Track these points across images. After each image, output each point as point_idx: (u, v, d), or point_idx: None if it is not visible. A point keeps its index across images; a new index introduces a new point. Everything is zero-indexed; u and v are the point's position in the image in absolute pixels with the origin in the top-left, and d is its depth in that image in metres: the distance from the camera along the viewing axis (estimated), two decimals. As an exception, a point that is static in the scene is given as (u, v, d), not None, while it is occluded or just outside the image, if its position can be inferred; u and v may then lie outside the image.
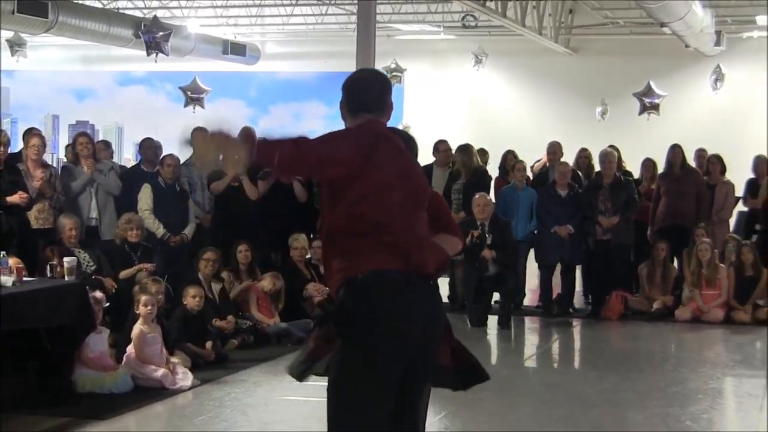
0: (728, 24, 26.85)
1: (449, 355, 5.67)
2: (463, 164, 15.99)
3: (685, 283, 16.22)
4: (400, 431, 5.33)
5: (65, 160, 14.90)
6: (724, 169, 17.43)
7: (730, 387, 11.56)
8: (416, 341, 5.22)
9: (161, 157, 15.10)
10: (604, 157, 16.39)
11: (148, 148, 15.36)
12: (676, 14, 21.37)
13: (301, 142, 5.22)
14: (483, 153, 17.62)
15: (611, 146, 16.93)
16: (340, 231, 5.21)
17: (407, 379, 5.27)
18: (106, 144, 17.13)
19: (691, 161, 17.60)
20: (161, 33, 23.69)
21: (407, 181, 5.29)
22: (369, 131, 5.33)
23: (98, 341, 10.66)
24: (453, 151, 16.63)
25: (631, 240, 16.54)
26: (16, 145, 14.67)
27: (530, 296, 16.93)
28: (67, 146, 15.62)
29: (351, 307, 5.19)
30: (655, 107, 24.32)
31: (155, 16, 24.86)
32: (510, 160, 17.33)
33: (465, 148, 16.38)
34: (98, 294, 11.39)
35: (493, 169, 17.71)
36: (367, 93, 5.52)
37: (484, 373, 5.89)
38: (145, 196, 14.31)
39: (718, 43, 26.06)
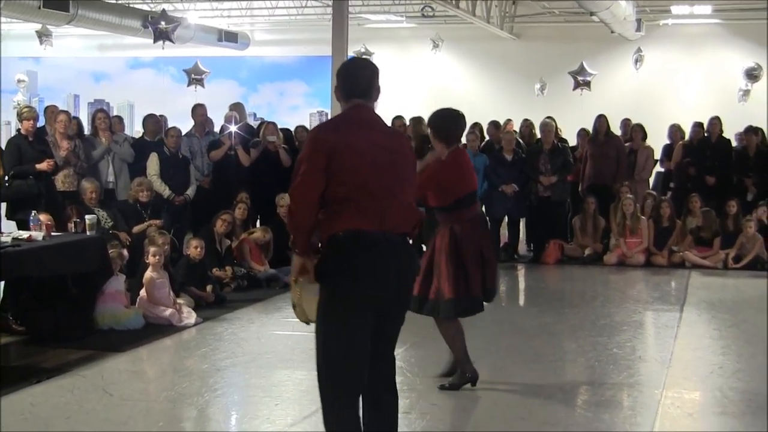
0: (647, 13, 26.83)
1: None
2: (414, 134, 16.03)
3: (611, 232, 16.30)
4: (386, 347, 5.53)
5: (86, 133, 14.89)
6: (645, 136, 17.50)
7: (650, 319, 11.62)
8: (388, 290, 5.32)
9: (166, 129, 15.26)
10: (544, 126, 16.44)
11: (151, 122, 15.47)
12: (603, 5, 21.35)
13: (290, 212, 5.42)
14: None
15: (549, 117, 16.96)
16: (328, 199, 5.27)
17: (382, 320, 5.38)
18: (120, 119, 17.13)
19: (617, 129, 17.69)
20: (170, 24, 23.63)
21: (373, 157, 5.33)
22: (321, 136, 5.40)
23: (116, 284, 10.70)
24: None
25: (567, 196, 16.64)
26: (42, 121, 14.64)
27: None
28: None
29: (330, 259, 5.30)
30: (587, 84, 24.34)
31: (164, 9, 24.77)
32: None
33: (417, 120, 16.43)
34: (124, 251, 11.67)
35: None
36: (357, 81, 5.55)
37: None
38: (152, 163, 14.39)
39: (638, 29, 26.06)
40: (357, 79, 5.57)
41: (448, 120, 8.27)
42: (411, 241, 5.60)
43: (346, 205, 5.28)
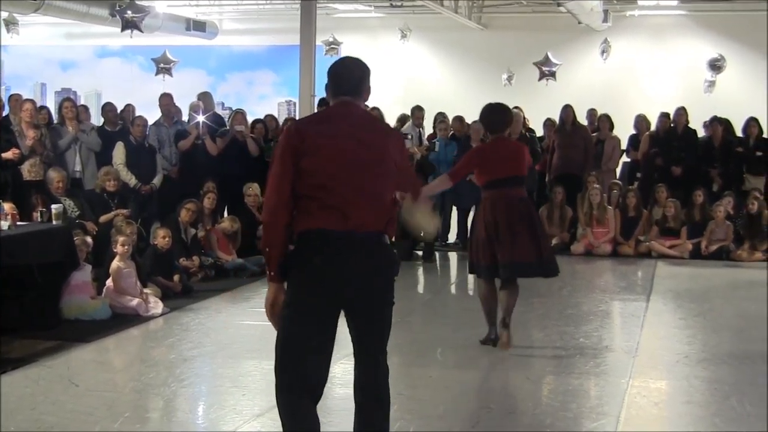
0: (614, 4, 26.85)
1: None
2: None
3: (578, 222, 16.34)
4: (364, 349, 5.51)
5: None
6: (611, 127, 17.57)
7: (617, 309, 11.65)
8: (349, 288, 5.27)
9: (132, 118, 15.21)
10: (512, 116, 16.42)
11: (109, 111, 15.45)
12: (571, -5, 21.42)
13: (264, 205, 5.55)
14: (419, 109, 17.56)
15: (516, 107, 16.93)
16: (297, 194, 5.25)
17: (352, 313, 5.38)
18: (85, 108, 17.03)
19: (584, 120, 17.71)
20: (138, 14, 23.47)
21: (345, 154, 5.28)
22: (291, 133, 5.38)
23: (83, 274, 10.64)
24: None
25: (534, 186, 16.63)
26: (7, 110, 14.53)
27: (453, 234, 16.95)
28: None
29: (294, 256, 5.29)
30: (552, 74, 24.32)
31: (132, -1, 24.64)
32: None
33: (372, 111, 16.52)
34: (88, 239, 11.51)
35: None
36: (346, 80, 5.62)
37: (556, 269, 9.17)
38: (118, 152, 14.36)
39: (605, 20, 26.06)
40: (346, 77, 5.63)
41: (491, 111, 9.58)
42: (389, 239, 5.49)
43: (312, 203, 5.26)
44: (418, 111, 17.24)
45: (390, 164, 5.45)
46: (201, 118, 15.66)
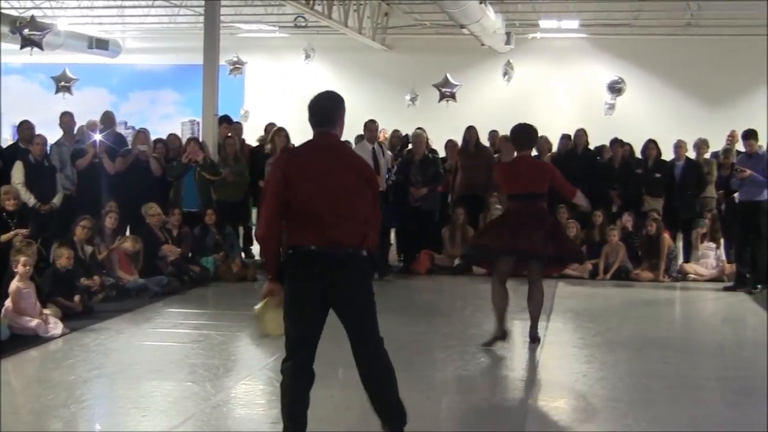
0: (516, 26, 27.22)
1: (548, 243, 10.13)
2: (274, 144, 16.25)
3: (481, 242, 16.45)
4: (356, 334, 6.48)
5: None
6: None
7: (518, 329, 11.71)
8: (331, 292, 6.30)
9: (32, 137, 15.03)
10: (415, 137, 16.60)
11: (26, 128, 15.21)
12: (473, 18, 21.58)
13: (259, 219, 6.62)
14: (372, 122, 17.39)
15: (419, 128, 17.07)
16: (288, 216, 6.32)
17: (338, 312, 6.42)
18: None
19: (486, 141, 17.84)
20: (38, 31, 23.16)
21: (321, 177, 6.27)
22: (281, 161, 6.75)
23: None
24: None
25: (437, 207, 16.74)
26: None
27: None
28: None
29: (286, 267, 6.37)
30: (452, 95, 24.54)
31: (33, 16, 24.27)
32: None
33: (279, 130, 16.57)
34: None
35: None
36: (319, 112, 6.48)
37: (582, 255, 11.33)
38: (17, 171, 14.18)
39: (508, 42, 26.40)
40: (319, 110, 6.49)
41: (516, 131, 10.67)
42: (366, 254, 6.45)
43: (296, 223, 6.30)
44: (371, 124, 16.70)
45: (362, 185, 6.43)
46: (98, 136, 15.55)
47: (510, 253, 10.34)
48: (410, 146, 17.43)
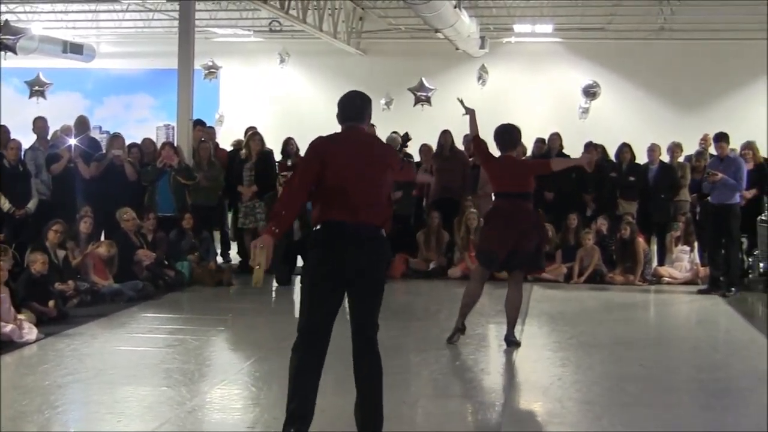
0: (491, 30, 27.26)
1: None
2: (249, 148, 16.26)
3: (455, 246, 16.50)
4: (355, 318, 6.93)
5: None
6: (487, 152, 17.71)
7: (493, 333, 11.75)
8: (351, 267, 6.66)
9: (7, 141, 14.96)
10: (390, 141, 16.57)
11: (0, 133, 15.14)
12: (448, 22, 21.59)
13: (287, 185, 7.12)
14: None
15: (394, 132, 17.09)
16: (319, 195, 6.74)
17: (352, 290, 6.79)
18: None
19: (460, 145, 17.86)
20: (12, 36, 23.07)
21: (354, 164, 6.76)
22: (320, 144, 6.90)
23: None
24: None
25: (411, 211, 16.76)
26: None
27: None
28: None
29: (313, 240, 6.81)
30: (427, 99, 24.61)
31: (6, 21, 24.19)
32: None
33: (254, 134, 16.58)
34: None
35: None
36: (351, 108, 7.08)
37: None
38: (-9, 177, 14.11)
39: (482, 46, 26.46)
40: (350, 107, 7.07)
41: (499, 132, 10.87)
42: (385, 232, 6.88)
43: (330, 200, 6.70)
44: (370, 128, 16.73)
45: (388, 174, 6.98)
46: (73, 141, 15.51)
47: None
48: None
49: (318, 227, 6.78)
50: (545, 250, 11.49)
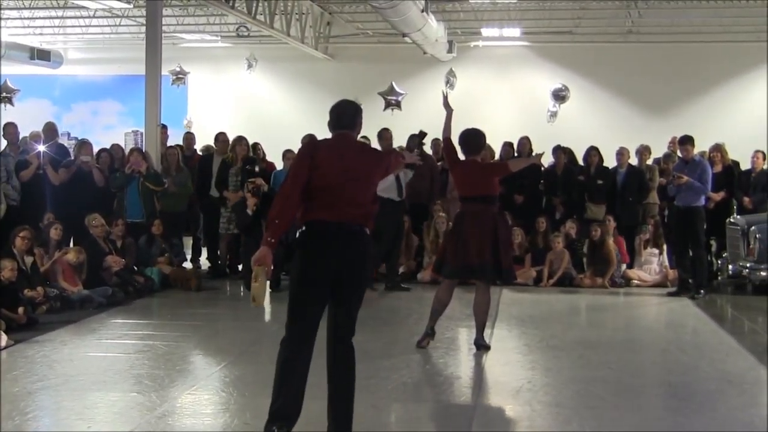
0: (459, 35, 27.37)
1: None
2: (235, 153, 16.19)
3: (425, 250, 16.54)
4: (337, 316, 7.04)
5: None
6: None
7: (463, 336, 11.78)
8: (338, 265, 6.86)
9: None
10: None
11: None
12: (415, 26, 21.65)
13: (281, 188, 7.11)
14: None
15: (364, 137, 17.07)
16: (306, 194, 6.87)
17: (337, 289, 6.92)
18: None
19: (429, 149, 17.89)
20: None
21: (341, 168, 6.93)
22: (310, 146, 7.31)
23: None
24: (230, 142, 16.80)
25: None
26: None
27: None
28: None
29: (301, 239, 6.94)
30: (397, 104, 24.69)
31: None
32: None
33: (240, 139, 16.53)
34: None
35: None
36: (343, 116, 7.28)
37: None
38: (-41, 183, 14.07)
39: (450, 50, 26.54)
40: (343, 115, 7.27)
41: (463, 136, 11.00)
42: (369, 231, 7.05)
43: (316, 201, 6.87)
44: (385, 132, 16.69)
45: (373, 179, 7.18)
46: (42, 147, 15.48)
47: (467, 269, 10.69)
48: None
49: (303, 227, 6.93)
50: (513, 255, 11.47)
